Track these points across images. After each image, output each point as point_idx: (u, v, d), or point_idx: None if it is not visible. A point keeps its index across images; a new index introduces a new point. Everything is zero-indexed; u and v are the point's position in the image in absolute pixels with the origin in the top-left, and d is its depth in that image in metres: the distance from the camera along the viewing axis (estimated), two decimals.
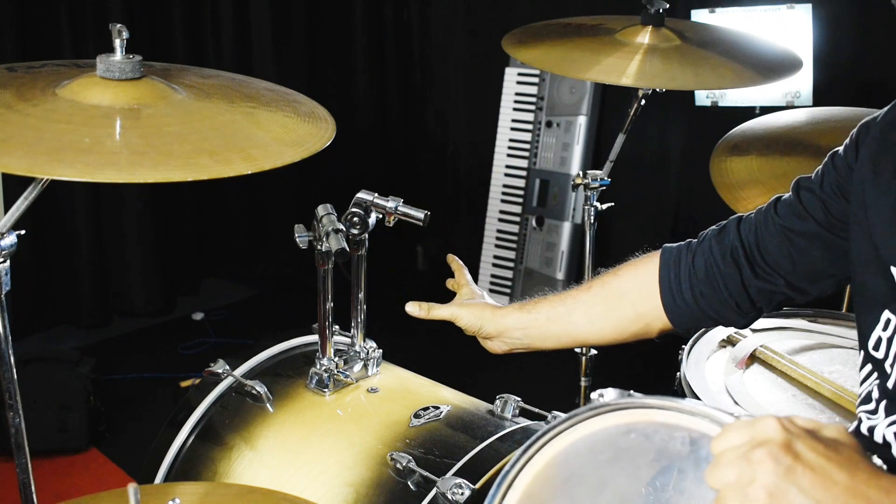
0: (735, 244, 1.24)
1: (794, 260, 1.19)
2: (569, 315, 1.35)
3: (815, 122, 2.02)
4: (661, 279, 1.29)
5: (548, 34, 1.95)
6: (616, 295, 1.33)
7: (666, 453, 0.88)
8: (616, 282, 1.34)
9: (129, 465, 2.73)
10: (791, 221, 1.19)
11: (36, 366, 2.78)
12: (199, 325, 3.80)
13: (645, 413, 0.90)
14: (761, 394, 1.61)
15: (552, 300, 1.38)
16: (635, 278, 1.32)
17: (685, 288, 1.26)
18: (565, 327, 1.36)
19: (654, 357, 1.38)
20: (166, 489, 1.21)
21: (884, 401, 1.03)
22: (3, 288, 1.19)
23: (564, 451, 0.95)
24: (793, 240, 1.19)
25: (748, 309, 1.25)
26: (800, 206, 1.19)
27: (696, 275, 1.26)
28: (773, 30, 2.82)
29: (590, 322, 1.34)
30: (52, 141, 1.06)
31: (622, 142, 2.03)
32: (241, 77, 1.43)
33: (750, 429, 0.76)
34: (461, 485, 1.27)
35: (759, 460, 0.74)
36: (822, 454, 0.75)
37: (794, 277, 1.20)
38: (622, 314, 1.32)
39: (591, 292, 1.35)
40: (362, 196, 1.52)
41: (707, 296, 1.25)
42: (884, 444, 1.02)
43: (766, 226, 1.22)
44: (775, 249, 1.20)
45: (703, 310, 1.26)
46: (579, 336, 1.38)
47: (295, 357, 1.68)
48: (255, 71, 3.77)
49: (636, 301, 1.31)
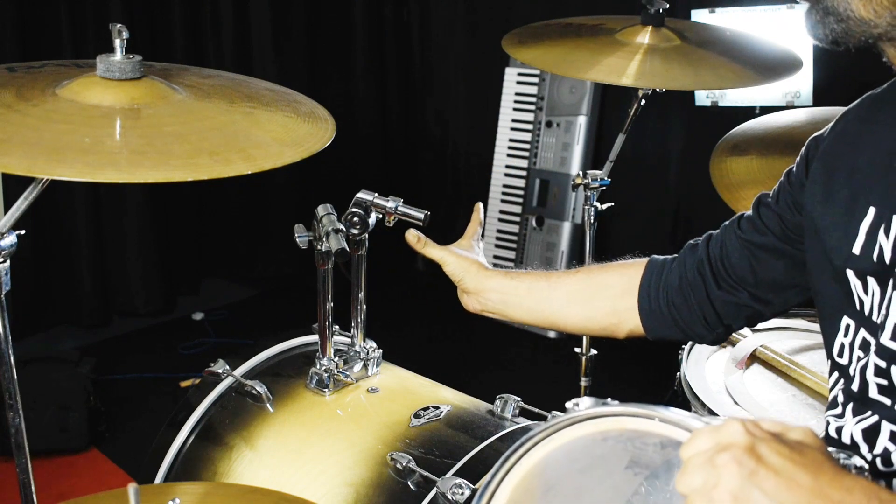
0: (702, 258, 1.29)
1: (756, 272, 1.24)
2: (549, 291, 1.39)
3: (815, 122, 2.02)
4: (641, 282, 1.33)
5: (548, 34, 1.95)
6: (599, 286, 1.37)
7: (640, 461, 0.90)
8: (602, 274, 1.38)
9: (129, 465, 2.73)
10: (751, 235, 1.24)
11: (36, 366, 2.78)
12: (199, 325, 3.80)
13: (619, 421, 0.92)
14: (761, 394, 1.61)
15: (537, 274, 1.42)
16: (621, 276, 1.36)
17: (661, 296, 1.31)
18: (541, 303, 1.40)
19: (655, 357, 1.39)
20: (166, 489, 1.21)
21: (850, 403, 1.05)
22: (3, 288, 1.19)
23: (544, 461, 0.97)
24: (754, 253, 1.23)
25: (715, 323, 1.29)
26: (759, 221, 1.23)
27: (670, 285, 1.31)
28: (773, 30, 2.82)
29: (566, 304, 1.38)
30: (52, 141, 1.06)
31: (622, 142, 2.03)
32: (241, 77, 1.43)
33: (715, 434, 0.78)
34: (461, 485, 1.27)
35: (723, 464, 0.75)
36: (786, 457, 0.76)
37: (757, 290, 1.25)
38: (599, 305, 1.36)
39: (577, 277, 1.40)
40: (362, 196, 1.52)
41: (678, 306, 1.30)
42: (852, 445, 1.04)
43: (729, 240, 1.27)
44: (738, 263, 1.25)
45: (675, 319, 1.31)
46: (552, 315, 1.41)
47: (295, 357, 1.68)
48: (255, 71, 3.77)
49: (615, 297, 1.35)
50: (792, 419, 1.54)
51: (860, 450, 1.02)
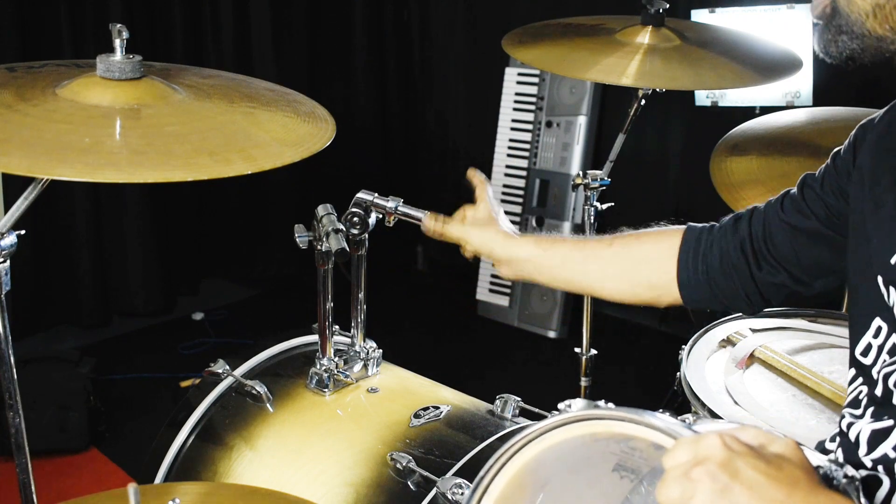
0: (744, 236, 1.26)
1: (799, 255, 1.21)
2: (584, 264, 1.37)
3: (815, 122, 2.02)
4: (680, 257, 1.31)
5: (548, 34, 1.95)
6: (635, 259, 1.35)
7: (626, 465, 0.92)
8: (638, 246, 1.35)
9: (129, 465, 2.73)
10: (795, 218, 1.21)
11: (36, 366, 2.78)
12: (199, 325, 3.80)
13: (609, 424, 0.93)
14: (761, 394, 1.61)
15: (570, 244, 1.40)
16: (657, 248, 1.33)
17: (700, 271, 1.29)
18: (577, 275, 1.39)
19: (655, 357, 1.39)
20: (166, 489, 1.21)
21: (872, 407, 1.05)
22: (3, 288, 1.19)
23: (535, 459, 0.98)
24: (797, 236, 1.21)
25: (757, 300, 1.27)
26: (803, 204, 1.20)
27: (711, 262, 1.28)
28: (773, 30, 2.82)
29: (603, 278, 1.37)
30: (52, 141, 1.06)
31: (622, 142, 2.03)
32: (241, 77, 1.43)
33: (694, 447, 0.78)
34: (461, 485, 1.27)
35: (698, 479, 0.75)
36: (762, 472, 0.76)
37: (798, 271, 1.22)
38: (637, 279, 1.34)
39: (612, 250, 1.36)
40: (362, 196, 1.52)
41: (720, 283, 1.27)
42: (855, 443, 1.04)
43: (773, 220, 1.24)
44: (781, 243, 1.22)
45: (716, 295, 1.29)
46: (589, 287, 1.41)
47: (295, 357, 1.68)
48: (255, 71, 3.77)
49: (653, 271, 1.33)
50: (792, 419, 1.54)
51: (859, 449, 1.02)
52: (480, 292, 3.89)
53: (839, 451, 1.06)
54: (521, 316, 3.81)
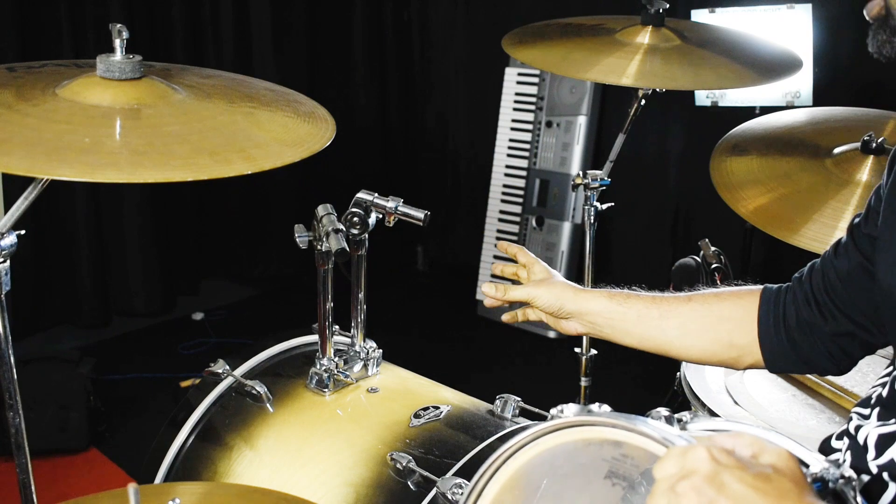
0: (808, 290, 1.23)
1: (855, 299, 1.18)
2: (661, 321, 1.32)
3: (815, 122, 2.02)
4: (760, 318, 1.27)
5: (548, 34, 1.95)
6: (716, 318, 1.30)
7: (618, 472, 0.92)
8: (718, 305, 1.30)
9: (129, 465, 2.73)
10: (848, 262, 1.18)
11: (36, 366, 2.78)
12: (199, 325, 3.80)
13: (602, 431, 0.93)
14: (761, 394, 1.61)
15: (646, 300, 1.34)
16: (738, 307, 1.29)
17: (781, 331, 1.25)
18: (653, 332, 1.33)
19: (655, 357, 1.38)
20: (166, 489, 1.21)
21: (878, 408, 1.04)
22: (3, 288, 1.19)
23: (529, 464, 0.98)
24: (850, 279, 1.18)
25: (839, 356, 1.23)
26: (852, 245, 1.18)
27: (789, 321, 1.24)
28: (773, 30, 2.82)
29: (682, 335, 1.31)
30: (52, 141, 1.06)
31: (622, 142, 2.03)
32: (241, 77, 1.43)
33: (681, 458, 0.78)
34: (461, 485, 1.27)
35: (683, 493, 0.75)
36: (750, 485, 0.76)
37: (860, 317, 1.19)
38: (717, 338, 1.29)
39: (690, 306, 1.32)
40: (362, 196, 1.52)
41: (799, 343, 1.24)
42: (863, 447, 1.03)
43: (828, 268, 1.21)
44: (839, 290, 1.19)
45: (799, 355, 1.25)
46: (666, 345, 1.34)
47: (295, 357, 1.68)
48: (255, 71, 3.77)
49: (733, 330, 1.28)
50: (792, 419, 1.54)
51: (867, 454, 1.02)
52: (480, 292, 3.89)
53: (847, 454, 1.06)
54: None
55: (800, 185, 1.75)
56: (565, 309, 1.37)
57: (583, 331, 1.39)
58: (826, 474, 0.85)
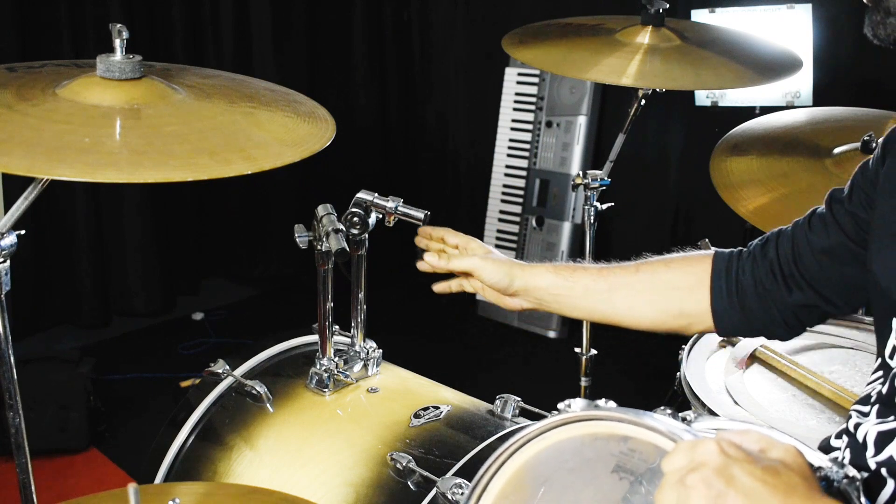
0: (773, 258, 1.23)
1: (828, 273, 1.18)
2: (609, 293, 1.31)
3: (815, 122, 2.02)
4: (712, 285, 1.26)
5: (548, 34, 1.95)
6: (665, 287, 1.29)
7: (625, 466, 0.92)
8: (667, 274, 1.30)
9: (129, 465, 2.73)
10: (824, 236, 1.18)
11: (36, 366, 2.78)
12: (199, 325, 3.80)
13: (610, 425, 0.93)
14: (761, 394, 1.61)
15: (593, 273, 1.33)
16: (688, 275, 1.28)
17: (734, 299, 1.25)
18: (601, 306, 1.33)
19: (655, 357, 1.38)
20: (166, 489, 1.21)
21: (877, 405, 1.04)
22: (3, 288, 1.19)
23: (535, 458, 0.98)
24: (824, 254, 1.18)
25: (794, 324, 1.24)
26: (831, 219, 1.17)
27: (744, 289, 1.24)
28: (773, 30, 2.82)
29: (631, 307, 1.31)
30: (52, 141, 1.06)
31: (622, 142, 2.03)
32: (241, 77, 1.43)
33: (691, 452, 0.78)
34: (461, 485, 1.27)
35: (693, 485, 0.75)
36: (759, 478, 0.76)
37: (828, 291, 1.19)
38: (666, 308, 1.29)
39: (638, 277, 1.31)
40: (362, 196, 1.52)
41: (754, 310, 1.24)
42: (862, 444, 1.03)
43: (801, 240, 1.21)
44: (809, 263, 1.19)
45: (750, 321, 1.25)
46: (615, 318, 1.34)
47: (295, 357, 1.68)
48: (255, 71, 3.77)
49: (684, 299, 1.28)
50: (792, 419, 1.54)
51: (867, 451, 1.02)
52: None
53: (847, 452, 1.06)
54: (521, 316, 3.80)
55: (800, 185, 1.75)
56: (513, 286, 1.35)
57: (528, 307, 1.38)
58: (831, 474, 0.85)
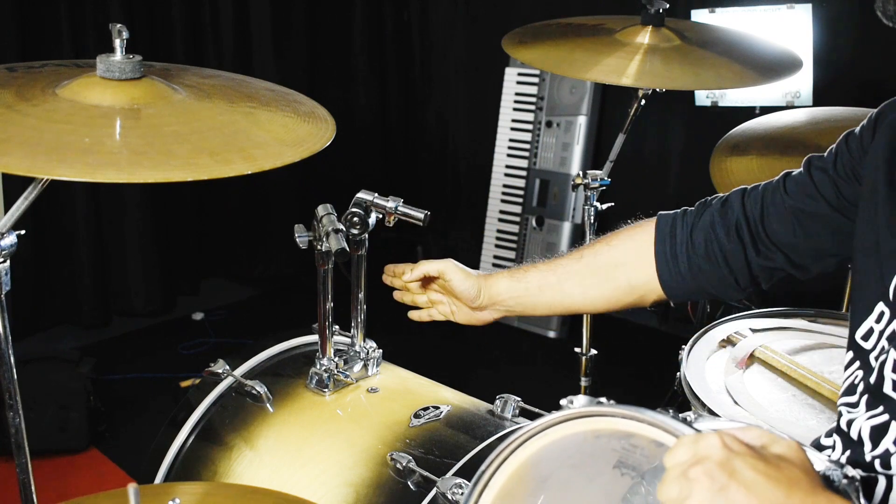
0: (739, 219, 1.22)
1: (800, 238, 1.18)
2: (560, 285, 1.34)
3: (815, 122, 2.02)
4: (656, 252, 1.27)
5: (548, 34, 1.95)
6: (609, 266, 1.31)
7: (627, 462, 0.92)
8: (609, 252, 1.32)
9: (129, 465, 2.73)
10: (801, 201, 1.18)
11: (36, 366, 2.78)
12: (199, 325, 3.80)
13: (612, 421, 0.93)
14: (761, 394, 1.61)
15: (542, 269, 1.37)
16: (630, 249, 1.30)
17: (682, 262, 1.25)
18: (557, 297, 1.35)
19: (655, 357, 1.39)
20: (166, 489, 1.21)
21: (866, 395, 1.03)
22: (3, 288, 1.19)
23: (537, 454, 0.98)
24: (801, 219, 1.18)
25: (746, 284, 1.24)
26: (812, 186, 1.17)
27: (694, 250, 1.24)
28: (773, 30, 2.82)
29: (583, 293, 1.34)
30: (52, 141, 1.06)
31: (622, 142, 2.03)
32: (241, 77, 1.43)
33: (694, 446, 0.78)
34: (461, 485, 1.27)
35: (696, 478, 0.75)
36: (761, 472, 0.76)
37: (796, 255, 1.20)
38: (616, 285, 1.31)
39: (583, 263, 1.34)
40: (362, 196, 1.52)
41: (705, 271, 1.24)
42: (858, 441, 1.03)
43: (773, 202, 1.20)
44: (780, 227, 1.19)
45: (700, 284, 1.25)
46: (572, 305, 1.37)
47: (295, 357, 1.68)
48: (255, 71, 3.77)
49: (630, 273, 1.30)
50: (792, 419, 1.54)
51: (864, 447, 1.02)
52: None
53: (842, 450, 1.06)
54: (521, 316, 3.81)
55: None
56: (480, 296, 1.39)
57: (497, 316, 1.42)
58: (830, 473, 0.85)
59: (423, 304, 1.52)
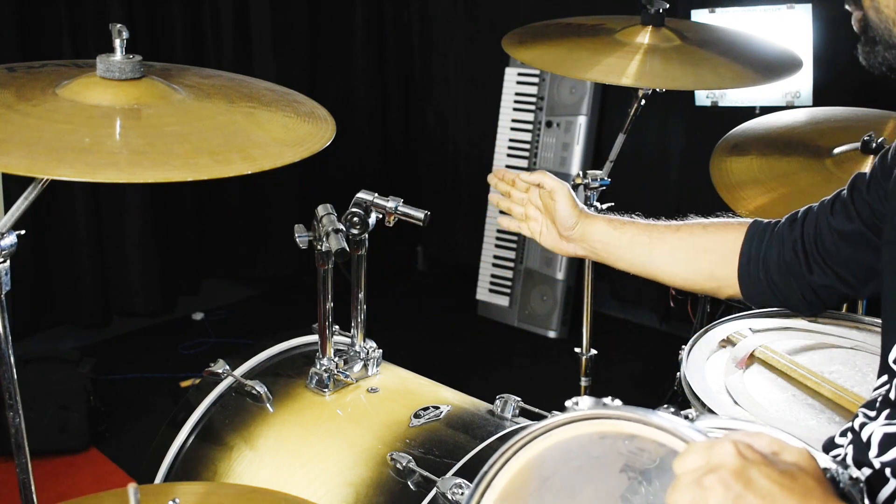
0: (797, 236, 1.26)
1: (846, 257, 1.21)
2: (650, 247, 1.39)
3: (815, 122, 2.02)
4: (742, 253, 1.31)
5: (548, 34, 1.95)
6: (700, 249, 1.36)
7: (633, 465, 0.91)
8: (704, 237, 1.36)
9: (129, 465, 2.73)
10: (841, 220, 1.21)
11: (36, 366, 2.78)
12: (199, 325, 3.80)
13: (618, 424, 0.93)
14: (761, 394, 1.61)
15: (639, 226, 1.42)
16: (722, 241, 1.34)
17: (760, 269, 1.29)
18: (642, 258, 1.40)
19: (655, 357, 1.39)
20: (166, 489, 1.21)
21: (886, 409, 1.04)
22: (3, 288, 1.19)
23: (540, 455, 0.98)
24: (843, 239, 1.21)
25: (814, 301, 1.28)
26: (850, 206, 1.20)
27: (769, 261, 1.29)
28: (773, 30, 2.82)
29: (667, 263, 1.39)
30: (52, 141, 1.06)
31: (622, 142, 2.03)
32: (241, 77, 1.43)
33: (707, 452, 0.78)
34: (461, 485, 1.27)
35: (711, 486, 0.75)
36: (776, 481, 0.76)
37: (846, 274, 1.22)
38: (700, 268, 1.36)
39: (678, 235, 1.38)
40: (362, 196, 1.52)
41: (776, 282, 1.29)
42: (866, 444, 1.03)
43: (822, 221, 1.24)
44: (829, 245, 1.22)
45: (774, 293, 1.30)
46: (653, 271, 1.41)
47: (295, 357, 1.68)
48: (255, 71, 3.77)
49: (716, 263, 1.34)
50: (792, 419, 1.53)
51: (870, 450, 1.02)
52: (480, 292, 3.89)
53: (850, 449, 1.06)
54: (521, 316, 3.81)
55: (800, 185, 1.76)
56: (576, 228, 1.43)
57: (581, 254, 1.45)
58: (836, 475, 0.84)
59: (518, 215, 1.53)
